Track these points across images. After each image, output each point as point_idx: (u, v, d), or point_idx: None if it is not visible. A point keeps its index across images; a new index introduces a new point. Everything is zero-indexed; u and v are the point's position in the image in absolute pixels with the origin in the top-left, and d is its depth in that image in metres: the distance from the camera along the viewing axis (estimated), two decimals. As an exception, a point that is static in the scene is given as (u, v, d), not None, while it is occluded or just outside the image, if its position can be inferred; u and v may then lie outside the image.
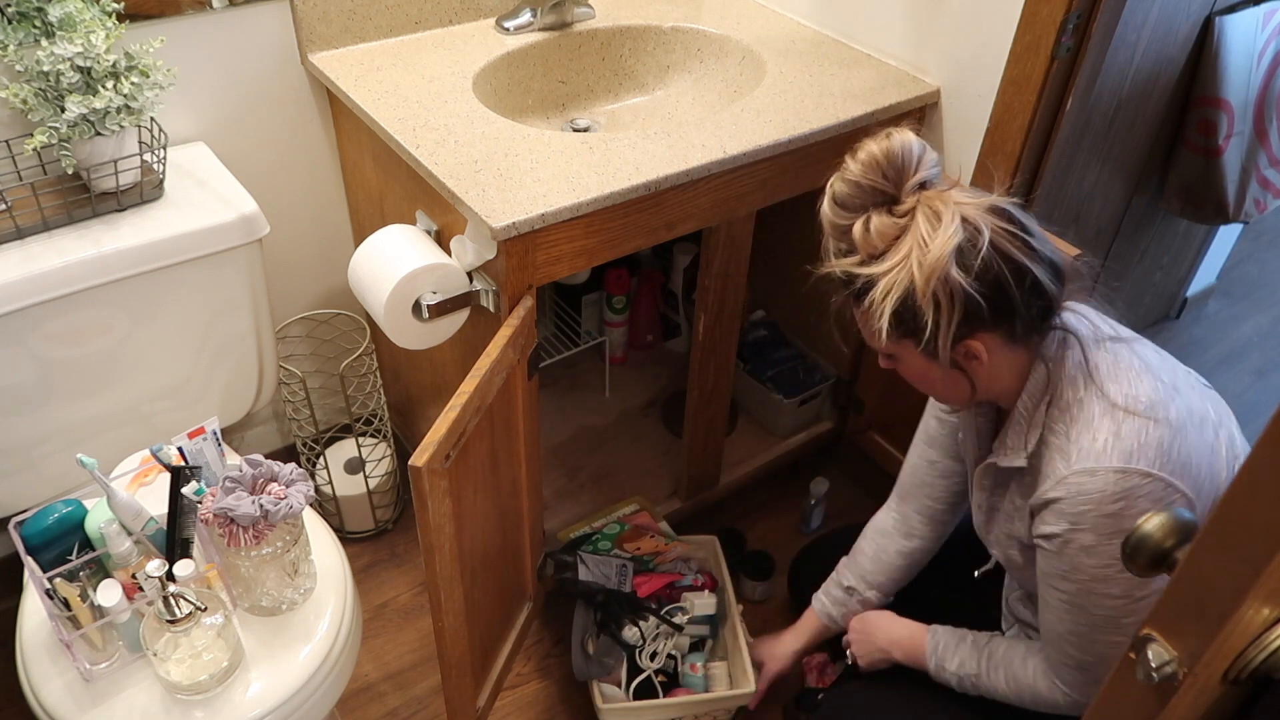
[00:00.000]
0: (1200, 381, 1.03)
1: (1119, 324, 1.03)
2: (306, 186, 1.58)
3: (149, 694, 1.08)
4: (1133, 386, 0.93)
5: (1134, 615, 0.93)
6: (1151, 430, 0.90)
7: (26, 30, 1.15)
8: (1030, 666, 1.07)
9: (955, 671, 1.14)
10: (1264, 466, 0.49)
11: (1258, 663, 0.54)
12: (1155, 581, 0.91)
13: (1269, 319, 2.51)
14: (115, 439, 1.34)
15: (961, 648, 1.15)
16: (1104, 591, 0.93)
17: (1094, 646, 0.97)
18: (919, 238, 0.89)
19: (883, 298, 0.91)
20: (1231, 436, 0.97)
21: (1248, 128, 1.84)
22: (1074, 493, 0.91)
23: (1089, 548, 0.92)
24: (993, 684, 1.10)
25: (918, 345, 0.93)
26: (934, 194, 0.92)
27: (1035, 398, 0.97)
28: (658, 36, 1.60)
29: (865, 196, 0.93)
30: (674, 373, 1.99)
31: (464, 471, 1.09)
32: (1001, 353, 0.95)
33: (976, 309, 0.90)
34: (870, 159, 0.92)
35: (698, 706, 1.42)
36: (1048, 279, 0.92)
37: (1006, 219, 0.92)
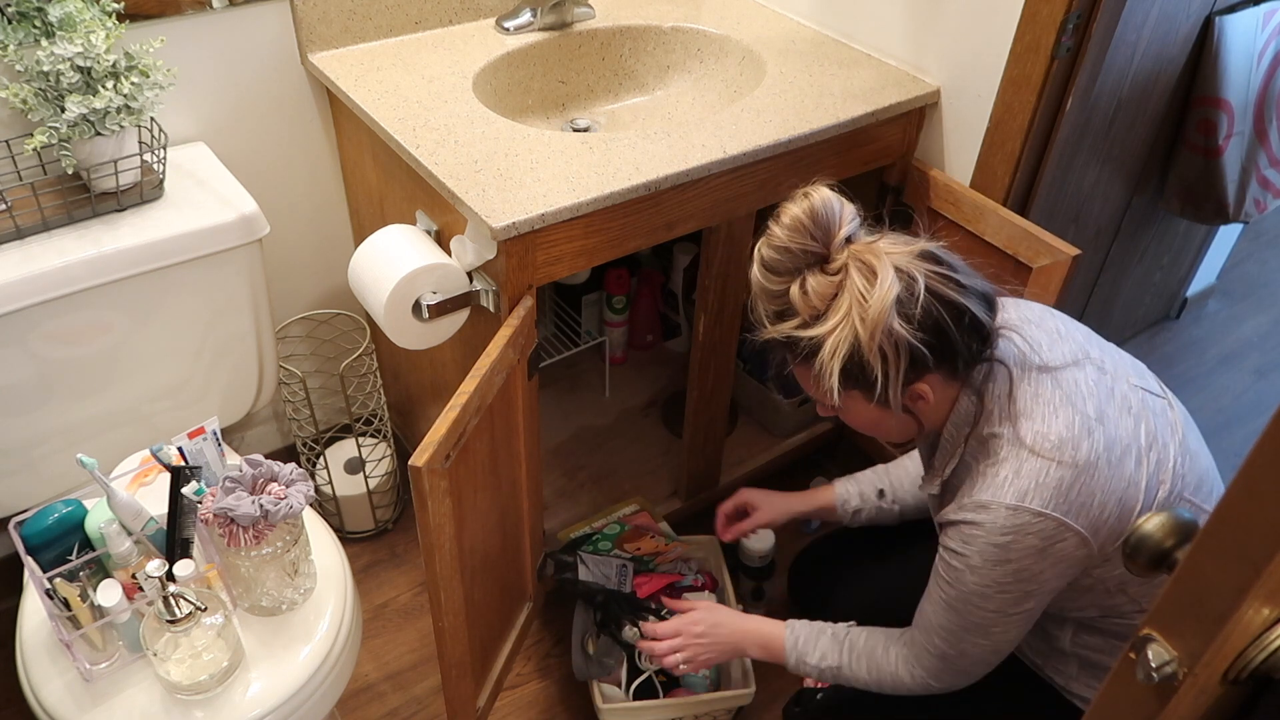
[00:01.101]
0: (1148, 392, 1.03)
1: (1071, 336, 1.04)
2: (306, 186, 1.58)
3: (149, 694, 1.08)
4: (1045, 423, 0.95)
5: (1002, 627, 1.00)
6: (1052, 471, 0.93)
7: (26, 30, 1.15)
8: (892, 654, 1.11)
9: (816, 664, 1.17)
10: (1264, 466, 0.49)
11: (1258, 663, 0.54)
12: (1029, 602, 0.98)
13: (1269, 319, 2.51)
14: (115, 439, 1.34)
15: (821, 640, 1.17)
16: (980, 605, 0.99)
17: (960, 643, 1.03)
18: (856, 294, 0.91)
19: (830, 357, 0.92)
20: (1162, 459, 0.98)
21: (1248, 128, 1.84)
22: (968, 519, 0.96)
23: (974, 568, 0.97)
24: (854, 673, 1.14)
25: (868, 396, 0.95)
26: (863, 247, 0.93)
27: (960, 427, 1.01)
28: (658, 36, 1.60)
29: (795, 259, 0.94)
30: (674, 373, 1.99)
31: (464, 471, 1.09)
32: (943, 389, 0.99)
33: (922, 355, 0.92)
34: (795, 222, 0.94)
35: (698, 706, 1.42)
36: (983, 312, 0.96)
37: (934, 261, 0.95)
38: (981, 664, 1.06)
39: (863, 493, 1.37)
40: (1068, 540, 0.93)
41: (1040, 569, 0.95)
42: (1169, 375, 2.30)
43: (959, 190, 1.43)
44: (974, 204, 1.40)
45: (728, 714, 1.47)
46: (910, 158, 1.50)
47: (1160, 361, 2.33)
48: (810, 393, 1.02)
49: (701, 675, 1.47)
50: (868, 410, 0.99)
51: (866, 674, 1.13)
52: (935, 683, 1.09)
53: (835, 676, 1.16)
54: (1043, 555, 0.94)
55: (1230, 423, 2.19)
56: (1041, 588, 0.97)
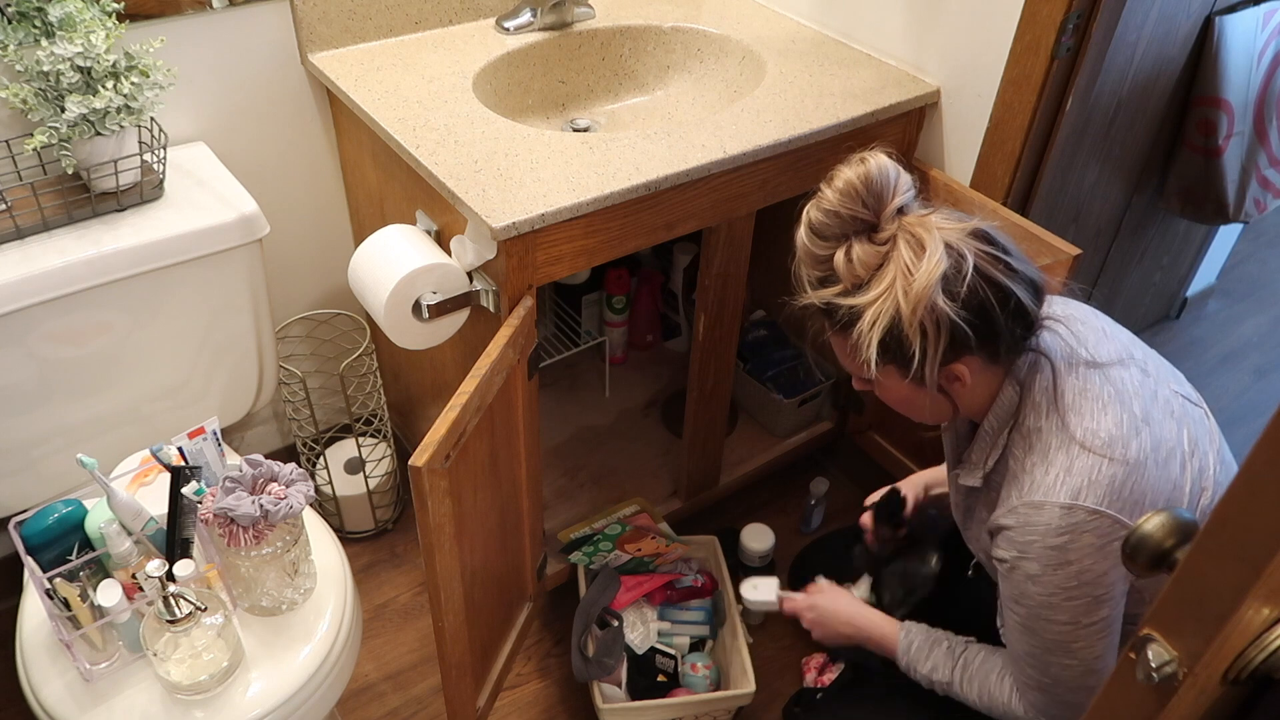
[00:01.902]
0: (1187, 399, 1.01)
1: (1116, 335, 1.02)
2: (306, 186, 1.58)
3: (149, 694, 1.08)
4: (1095, 420, 0.92)
5: (1084, 641, 0.95)
6: (1105, 468, 0.90)
7: (26, 30, 1.15)
8: (1006, 684, 1.06)
9: (927, 675, 1.13)
10: (1264, 466, 0.49)
11: (1258, 663, 0.54)
12: (1103, 609, 0.93)
13: (1269, 319, 2.51)
14: (115, 439, 1.34)
15: (935, 651, 1.13)
16: (1050, 618, 0.94)
17: (1049, 669, 0.98)
18: (903, 266, 0.88)
19: (870, 328, 0.90)
20: (1204, 466, 0.96)
21: (1248, 127, 1.84)
22: (1021, 523, 0.93)
23: (1034, 576, 0.93)
24: (965, 694, 1.09)
25: (904, 372, 0.93)
26: (915, 220, 0.90)
27: (1001, 419, 0.98)
28: (658, 36, 1.60)
29: (844, 225, 0.92)
30: (674, 373, 1.99)
31: (464, 471, 1.09)
32: (982, 374, 0.95)
33: (963, 335, 0.90)
34: (848, 186, 0.91)
35: (698, 706, 1.42)
36: (1029, 299, 0.92)
37: (987, 241, 0.92)
38: (1081, 689, 0.98)
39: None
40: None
41: (1103, 569, 0.91)
42: (1169, 375, 2.30)
43: (959, 190, 1.43)
44: (974, 204, 1.40)
45: (728, 714, 1.47)
46: (910, 158, 1.50)
47: (1160, 361, 2.33)
48: (844, 363, 0.99)
49: (701, 675, 1.47)
50: (902, 387, 0.96)
51: (977, 697, 1.08)
52: (1045, 715, 1.02)
53: (945, 691, 1.12)
54: (1102, 554, 0.90)
55: (1230, 423, 2.17)
56: (1110, 591, 0.93)
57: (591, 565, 1.51)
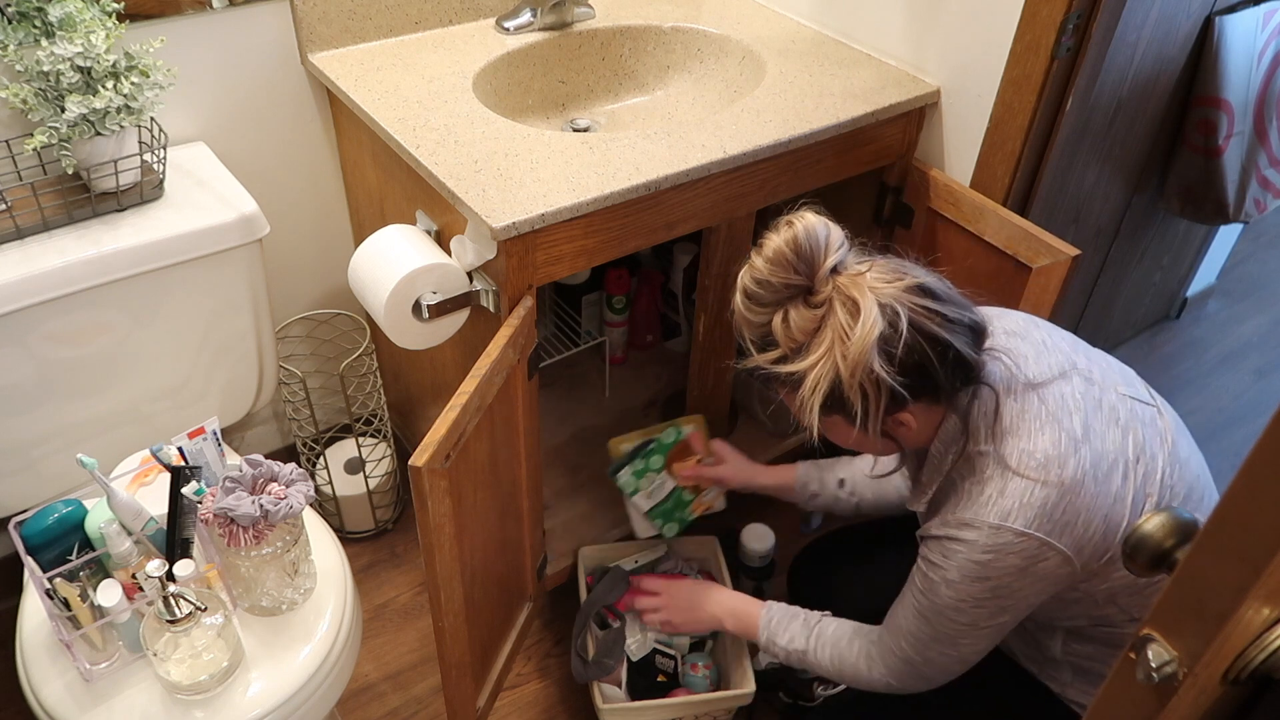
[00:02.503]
0: (1136, 400, 1.02)
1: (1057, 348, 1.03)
2: (306, 186, 1.58)
3: (149, 694, 1.08)
4: (1031, 441, 0.94)
5: (971, 639, 1.01)
6: (1036, 492, 0.92)
7: (26, 30, 1.15)
8: (856, 647, 1.13)
9: (784, 646, 1.20)
10: (1264, 466, 0.49)
11: (1258, 663, 0.54)
12: (1003, 616, 0.98)
13: (1269, 319, 2.51)
14: (115, 439, 1.34)
15: (793, 625, 1.20)
16: (953, 617, 0.99)
17: (926, 652, 1.04)
18: (839, 331, 0.89)
19: (811, 392, 0.91)
20: (1149, 472, 0.97)
21: (1248, 128, 1.84)
22: (949, 535, 0.96)
23: (951, 582, 0.97)
24: (818, 659, 1.17)
25: (850, 423, 0.94)
26: (848, 280, 0.91)
27: (946, 445, 1.00)
28: (658, 36, 1.60)
29: (778, 292, 0.92)
30: (674, 373, 1.99)
31: (464, 471, 1.09)
32: (925, 414, 0.98)
33: (902, 394, 0.91)
34: (778, 255, 0.91)
35: (698, 706, 1.42)
36: (968, 348, 0.94)
37: (922, 294, 0.92)
38: (944, 672, 1.06)
39: (823, 479, 1.39)
40: (1050, 559, 0.93)
41: (1019, 586, 0.95)
42: (1169, 375, 2.31)
43: (959, 190, 1.43)
44: (974, 204, 1.40)
45: (727, 714, 1.47)
46: (910, 158, 1.50)
47: (1160, 362, 2.34)
48: (796, 417, 1.01)
49: (702, 675, 1.47)
50: (850, 433, 0.99)
51: (829, 662, 1.15)
52: (895, 683, 1.10)
53: (800, 661, 1.19)
54: (1023, 574, 0.94)
55: (1230, 423, 2.19)
56: (1018, 604, 0.97)
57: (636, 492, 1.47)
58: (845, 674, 1.14)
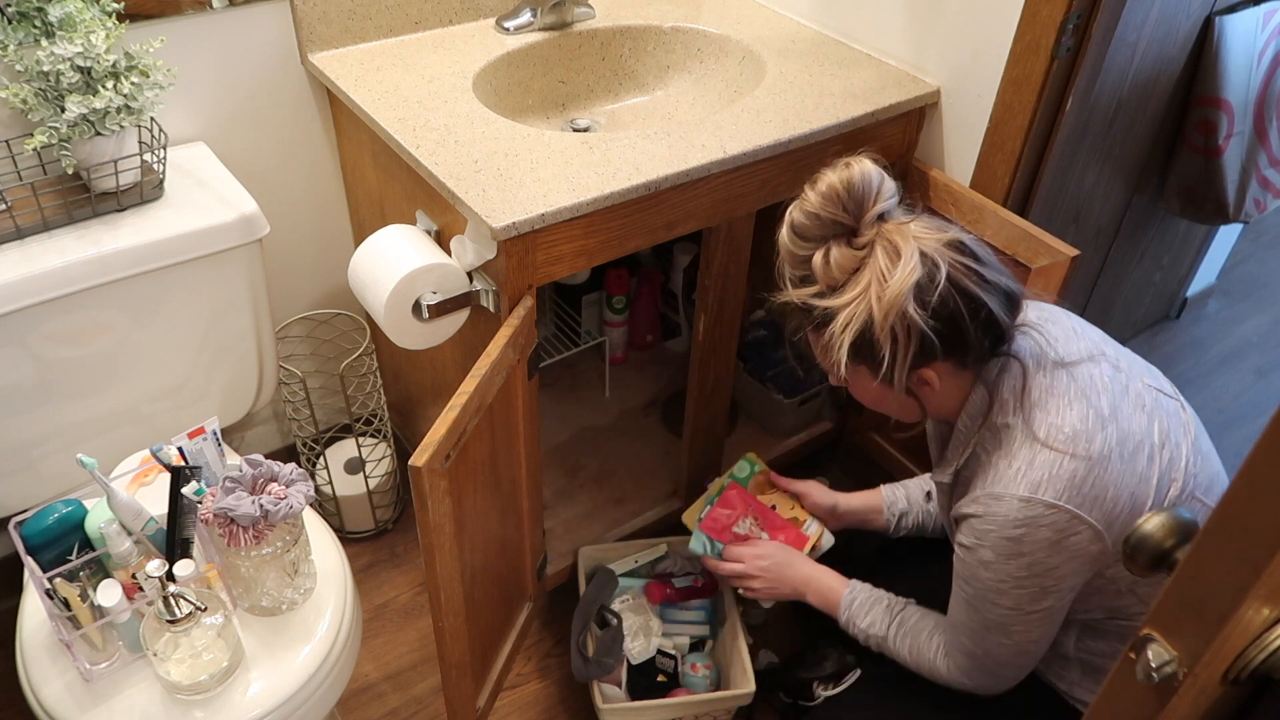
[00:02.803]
0: (1161, 392, 1.03)
1: (1087, 334, 1.04)
2: (306, 186, 1.58)
3: (149, 694, 1.08)
4: (1060, 415, 0.95)
5: (1022, 626, 1.00)
6: (1065, 464, 0.92)
7: (26, 30, 1.15)
8: (935, 643, 1.12)
9: (864, 629, 1.19)
10: (1264, 466, 0.49)
11: (1258, 663, 0.54)
12: (1047, 599, 0.97)
13: (1269, 319, 2.51)
14: (115, 439, 1.34)
15: (875, 608, 1.19)
16: (996, 601, 0.98)
17: (983, 643, 1.03)
18: (878, 272, 0.91)
19: (841, 330, 0.93)
20: (1174, 458, 0.98)
21: (1248, 128, 1.84)
22: (981, 512, 0.96)
23: (988, 563, 0.97)
24: (896, 649, 1.15)
25: (874, 373, 0.95)
26: (893, 227, 0.93)
27: (973, 418, 1.01)
28: (658, 36, 1.60)
29: (824, 228, 0.94)
30: (674, 373, 1.99)
31: (464, 471, 1.09)
32: (951, 379, 0.98)
33: (931, 344, 0.92)
34: (830, 190, 0.93)
35: (698, 706, 1.42)
36: (1001, 310, 0.95)
37: (962, 252, 0.94)
38: (1009, 666, 1.05)
39: (910, 496, 1.36)
40: (1081, 534, 0.93)
41: (1055, 563, 0.94)
42: (1169, 375, 2.28)
43: (959, 190, 1.43)
44: (974, 204, 1.40)
45: (727, 714, 1.47)
46: (910, 158, 1.50)
47: (1160, 361, 2.32)
48: (819, 360, 1.02)
49: (701, 675, 1.47)
50: (872, 386, 0.99)
51: (908, 653, 1.14)
52: (968, 681, 1.08)
53: (879, 646, 1.18)
54: (1056, 548, 0.93)
55: (1230, 423, 2.19)
56: (1059, 584, 0.96)
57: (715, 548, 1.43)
58: (923, 669, 1.13)
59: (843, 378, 0.99)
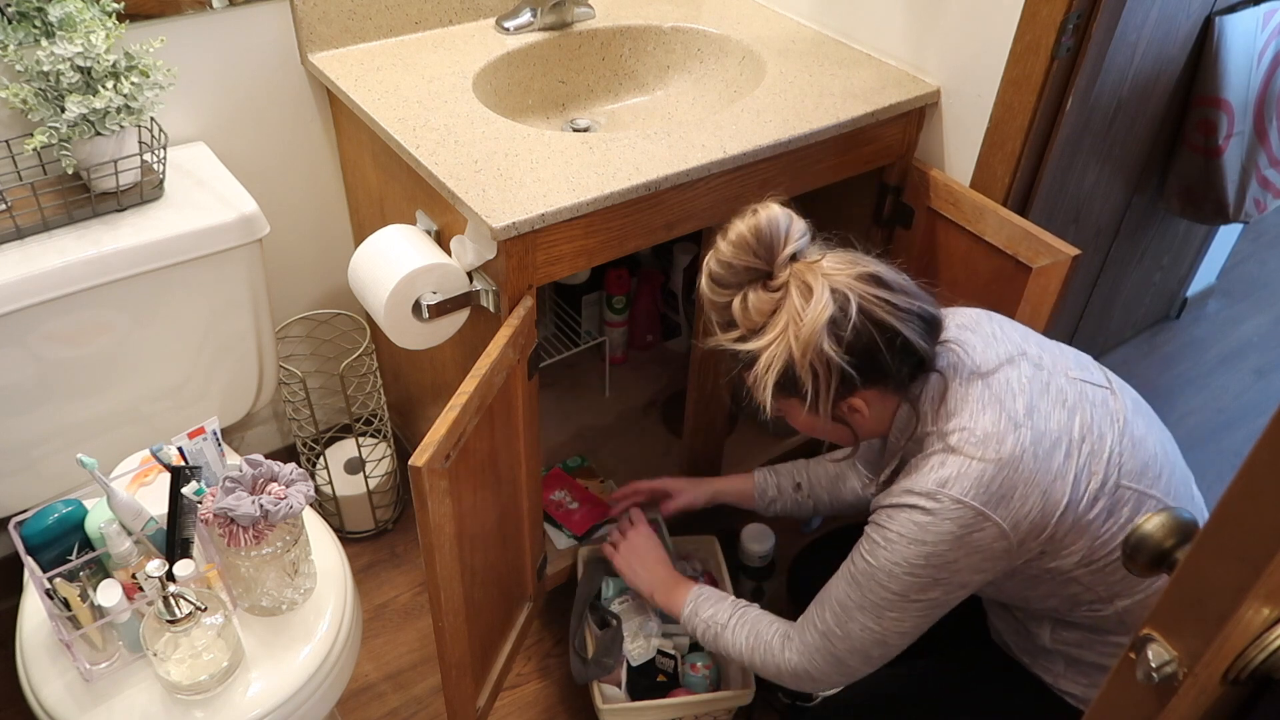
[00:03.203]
0: (1088, 383, 1.05)
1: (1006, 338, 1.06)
2: (306, 186, 1.58)
3: (149, 694, 1.08)
4: (972, 421, 0.98)
5: (898, 613, 1.02)
6: (973, 466, 0.96)
7: (26, 30, 1.15)
8: (775, 628, 1.15)
9: (705, 619, 1.22)
10: (1264, 467, 0.49)
11: (1258, 663, 0.54)
12: (934, 590, 1.00)
13: (1269, 319, 2.52)
14: (115, 439, 1.34)
15: (722, 604, 1.22)
16: (883, 582, 1.01)
17: (848, 623, 1.05)
18: (793, 312, 0.94)
19: (765, 371, 0.96)
20: (1095, 451, 0.99)
21: (1248, 128, 1.84)
22: (893, 503, 1.00)
23: (890, 542, 1.00)
24: (734, 639, 1.18)
25: (802, 404, 0.98)
26: (804, 267, 0.96)
27: (901, 433, 1.05)
28: (658, 36, 1.60)
29: (738, 275, 0.98)
30: (674, 373, 1.99)
31: (464, 471, 1.09)
32: (879, 402, 1.02)
33: (850, 376, 0.95)
34: (739, 239, 0.97)
35: (698, 706, 1.42)
36: (918, 336, 0.97)
37: (874, 283, 0.96)
38: (858, 654, 1.06)
39: (780, 484, 1.44)
40: (985, 530, 0.95)
41: (954, 557, 0.97)
42: (1169, 375, 2.31)
43: (959, 190, 1.43)
44: (974, 204, 1.40)
45: (727, 714, 1.47)
46: (910, 158, 1.50)
47: (1160, 361, 2.34)
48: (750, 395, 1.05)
49: (701, 675, 1.47)
50: (803, 415, 1.02)
51: (745, 639, 1.17)
52: (805, 663, 1.10)
53: (716, 636, 1.20)
54: (959, 543, 0.96)
55: (1230, 423, 2.19)
56: (951, 578, 0.99)
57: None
58: (757, 652, 1.15)
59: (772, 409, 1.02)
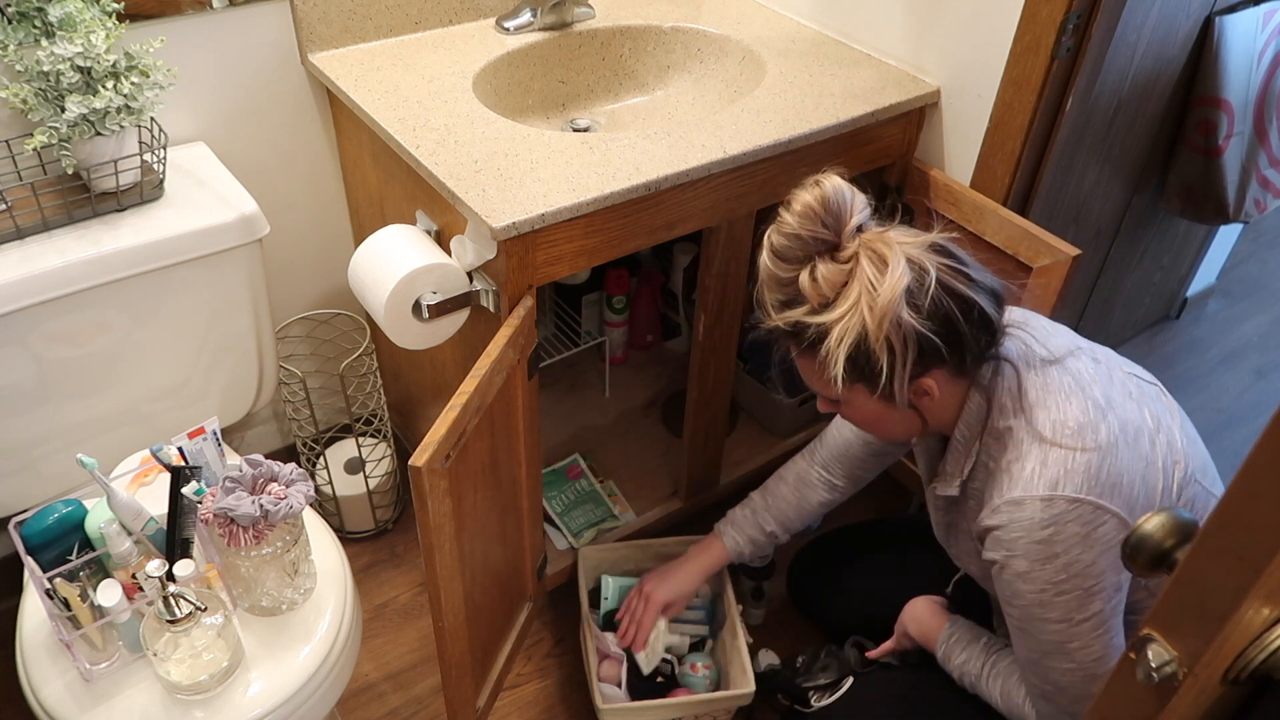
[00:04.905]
0: (1142, 379, 1.04)
1: (1060, 331, 1.04)
2: (306, 186, 1.58)
3: (149, 694, 1.08)
4: (1061, 411, 0.94)
5: (1079, 641, 0.95)
6: (1078, 457, 0.92)
7: (26, 30, 1.15)
8: (1024, 690, 1.07)
9: (958, 665, 1.16)
10: (1264, 467, 0.49)
11: (1258, 663, 0.54)
12: (1094, 602, 0.94)
13: (1269, 319, 2.51)
14: (115, 439, 1.34)
15: (972, 646, 1.15)
16: (1043, 616, 0.95)
17: (1049, 675, 0.99)
18: (866, 282, 0.90)
19: (837, 345, 0.91)
20: (1171, 440, 0.98)
21: (1248, 128, 1.84)
22: (1005, 521, 0.94)
23: (1023, 574, 0.94)
24: (988, 690, 1.12)
25: (871, 389, 0.94)
26: (874, 236, 0.92)
27: (972, 426, 1.00)
28: (658, 36, 1.60)
29: (806, 247, 0.94)
30: (674, 373, 1.99)
31: (464, 471, 1.09)
32: (949, 386, 0.97)
33: (930, 348, 0.91)
34: (806, 209, 0.93)
35: (698, 706, 1.42)
36: (991, 308, 0.95)
37: (945, 254, 0.94)
38: (1083, 698, 0.99)
39: (751, 537, 1.41)
40: (1108, 523, 0.91)
41: (1090, 559, 0.92)
42: (1169, 375, 2.30)
43: (959, 190, 1.43)
44: (974, 204, 1.40)
45: (727, 714, 1.47)
46: (910, 158, 1.50)
47: (1160, 361, 2.33)
48: (812, 384, 1.01)
49: (701, 675, 1.47)
50: (870, 404, 0.97)
51: (998, 696, 1.11)
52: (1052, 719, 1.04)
53: (972, 685, 1.15)
54: (1088, 542, 0.91)
55: (1230, 423, 2.19)
56: (1100, 582, 0.93)
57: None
58: (1012, 714, 1.09)
59: (838, 398, 0.98)
